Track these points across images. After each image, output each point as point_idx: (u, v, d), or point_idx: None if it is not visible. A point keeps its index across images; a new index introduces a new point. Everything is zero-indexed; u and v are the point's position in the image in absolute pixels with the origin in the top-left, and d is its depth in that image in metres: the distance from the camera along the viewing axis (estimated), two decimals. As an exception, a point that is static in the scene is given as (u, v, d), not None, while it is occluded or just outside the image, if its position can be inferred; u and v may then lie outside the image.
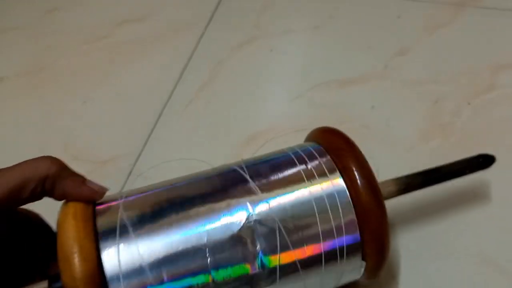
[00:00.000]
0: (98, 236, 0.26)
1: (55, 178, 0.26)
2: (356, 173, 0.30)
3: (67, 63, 0.56)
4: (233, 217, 0.28)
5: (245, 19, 0.59)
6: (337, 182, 0.30)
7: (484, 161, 0.35)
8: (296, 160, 0.31)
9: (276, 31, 0.57)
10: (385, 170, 0.36)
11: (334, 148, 0.31)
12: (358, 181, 0.29)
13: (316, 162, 0.31)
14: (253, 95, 0.50)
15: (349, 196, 0.29)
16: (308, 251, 0.28)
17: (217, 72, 0.53)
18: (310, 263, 0.29)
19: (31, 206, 0.28)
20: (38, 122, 0.51)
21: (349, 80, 0.51)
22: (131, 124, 0.49)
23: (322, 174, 0.30)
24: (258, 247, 0.27)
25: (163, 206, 0.28)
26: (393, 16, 0.57)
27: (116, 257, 0.26)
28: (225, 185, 0.29)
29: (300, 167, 0.31)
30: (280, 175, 0.30)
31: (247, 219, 0.28)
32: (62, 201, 0.27)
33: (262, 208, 0.28)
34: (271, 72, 0.52)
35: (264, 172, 0.30)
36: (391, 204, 0.32)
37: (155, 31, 0.58)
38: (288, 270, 0.28)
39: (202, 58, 0.54)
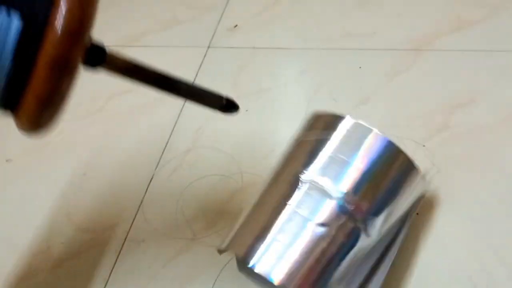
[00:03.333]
0: None
1: None
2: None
3: (68, 138, 0.63)
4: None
5: (224, 81, 0.65)
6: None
7: (227, 105, 0.36)
8: None
9: (251, 90, 0.63)
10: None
11: None
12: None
13: None
14: (231, 157, 0.56)
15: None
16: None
17: (199, 136, 0.59)
18: None
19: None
20: (43, 195, 0.57)
21: (316, 133, 0.56)
22: (126, 191, 0.55)
23: None
24: None
25: None
26: (355, 67, 0.63)
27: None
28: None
29: None
30: None
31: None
32: None
33: None
34: (247, 132, 0.58)
35: None
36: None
37: (142, 100, 0.65)
38: None
39: (185, 123, 0.61)
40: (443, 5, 0.68)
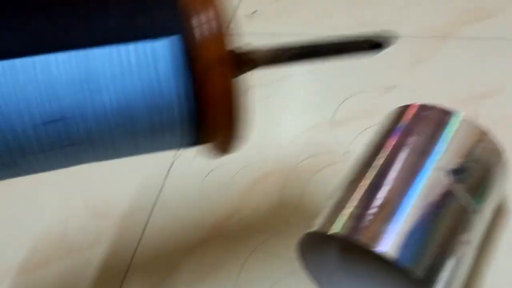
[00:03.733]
0: None
1: None
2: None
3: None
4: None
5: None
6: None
7: (375, 45, 0.32)
8: None
9: (271, 78, 0.62)
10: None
11: None
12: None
13: None
14: (252, 144, 0.54)
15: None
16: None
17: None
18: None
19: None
20: (60, 181, 0.55)
21: (340, 120, 0.55)
22: (145, 177, 0.53)
23: None
24: None
25: None
26: (380, 53, 0.61)
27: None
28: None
29: None
30: None
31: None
32: None
33: None
34: (268, 119, 0.57)
35: None
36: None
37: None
38: None
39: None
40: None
